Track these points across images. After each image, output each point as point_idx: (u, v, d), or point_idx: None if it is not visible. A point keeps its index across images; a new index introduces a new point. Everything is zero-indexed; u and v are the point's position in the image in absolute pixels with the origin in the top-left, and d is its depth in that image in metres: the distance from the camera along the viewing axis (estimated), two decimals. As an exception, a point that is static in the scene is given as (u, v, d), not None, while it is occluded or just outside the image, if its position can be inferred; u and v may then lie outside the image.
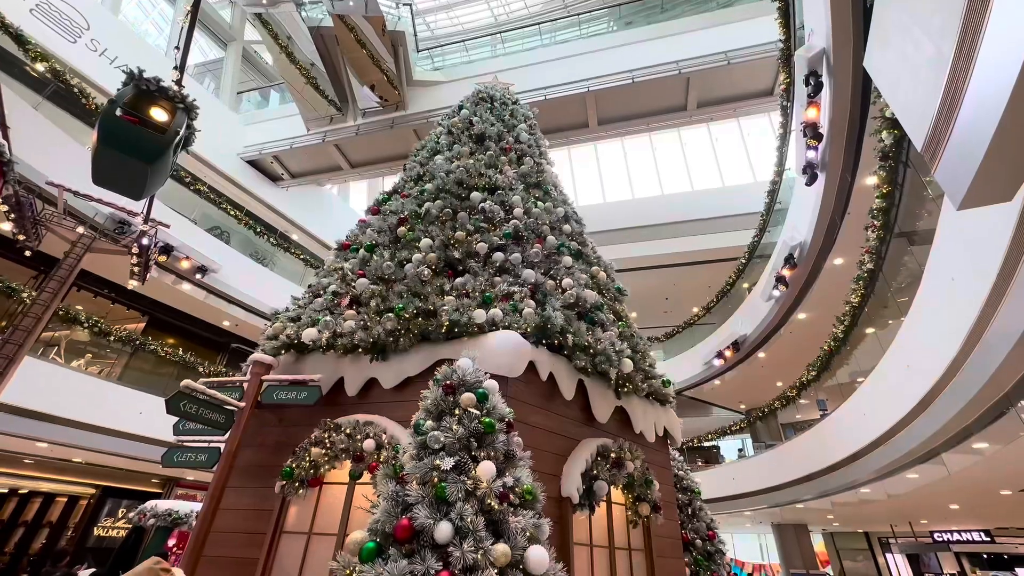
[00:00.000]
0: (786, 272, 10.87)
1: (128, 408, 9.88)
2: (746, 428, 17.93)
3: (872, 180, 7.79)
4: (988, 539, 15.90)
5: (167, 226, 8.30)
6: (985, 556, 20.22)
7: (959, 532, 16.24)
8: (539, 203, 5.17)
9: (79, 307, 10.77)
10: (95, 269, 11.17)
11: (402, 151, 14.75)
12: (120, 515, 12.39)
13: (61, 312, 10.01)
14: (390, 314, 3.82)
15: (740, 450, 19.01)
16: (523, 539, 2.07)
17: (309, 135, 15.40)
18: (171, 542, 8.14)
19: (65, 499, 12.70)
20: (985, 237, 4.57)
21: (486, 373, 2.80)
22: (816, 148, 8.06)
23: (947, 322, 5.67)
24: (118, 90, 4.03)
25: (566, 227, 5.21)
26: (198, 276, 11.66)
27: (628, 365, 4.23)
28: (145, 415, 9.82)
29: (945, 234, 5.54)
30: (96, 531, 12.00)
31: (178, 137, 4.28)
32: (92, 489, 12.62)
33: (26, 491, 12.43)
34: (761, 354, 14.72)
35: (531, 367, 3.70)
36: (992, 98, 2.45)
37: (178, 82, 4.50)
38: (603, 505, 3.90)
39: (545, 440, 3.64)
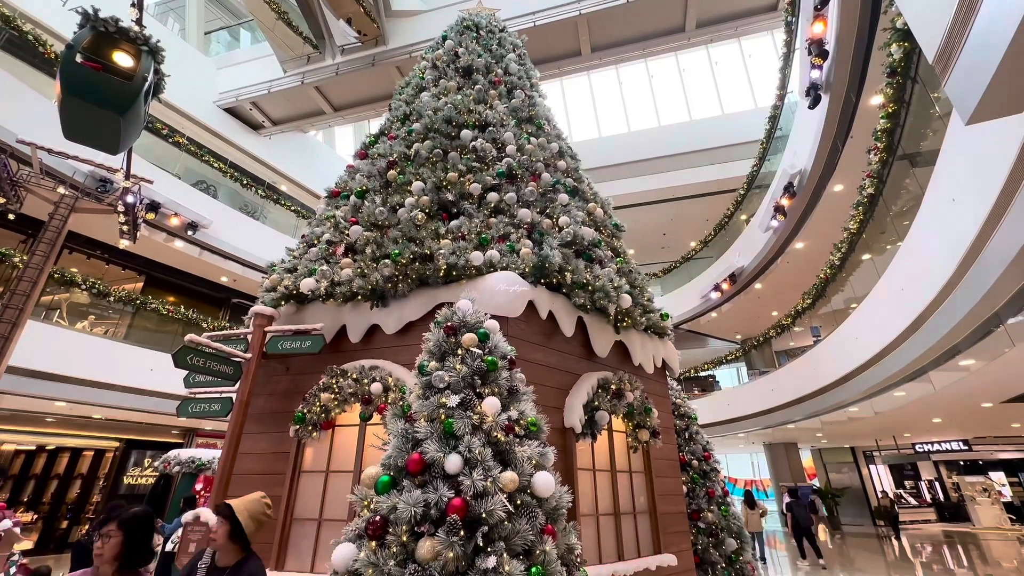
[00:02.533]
0: (785, 201, 10.74)
1: (138, 366, 10.10)
2: (741, 357, 18.52)
3: (878, 99, 7.49)
4: (966, 447, 16.95)
5: (150, 182, 8.06)
6: (962, 463, 21.64)
7: (939, 443, 17.28)
8: (532, 139, 4.98)
9: (74, 269, 10.70)
10: (83, 230, 10.97)
11: (386, 91, 14.03)
12: (146, 465, 13.04)
13: (56, 275, 9.95)
14: (387, 260, 3.79)
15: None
16: (529, 466, 2.17)
17: (286, 77, 14.57)
18: (198, 486, 8.63)
19: (92, 452, 13.31)
20: (990, 154, 4.45)
21: (486, 314, 2.83)
22: (821, 67, 7.68)
23: (945, 243, 5.67)
24: (74, 33, 3.74)
25: (561, 163, 5.06)
26: (189, 232, 11.49)
27: (627, 300, 4.27)
28: (156, 371, 10.06)
29: (949, 153, 5.40)
30: (125, 479, 12.69)
31: (147, 83, 4.03)
32: (116, 442, 13.19)
33: (53, 447, 12.99)
34: (758, 285, 14.88)
35: (531, 306, 3.73)
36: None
37: (138, 21, 4.18)
38: (604, 433, 4.09)
39: (547, 376, 3.75)
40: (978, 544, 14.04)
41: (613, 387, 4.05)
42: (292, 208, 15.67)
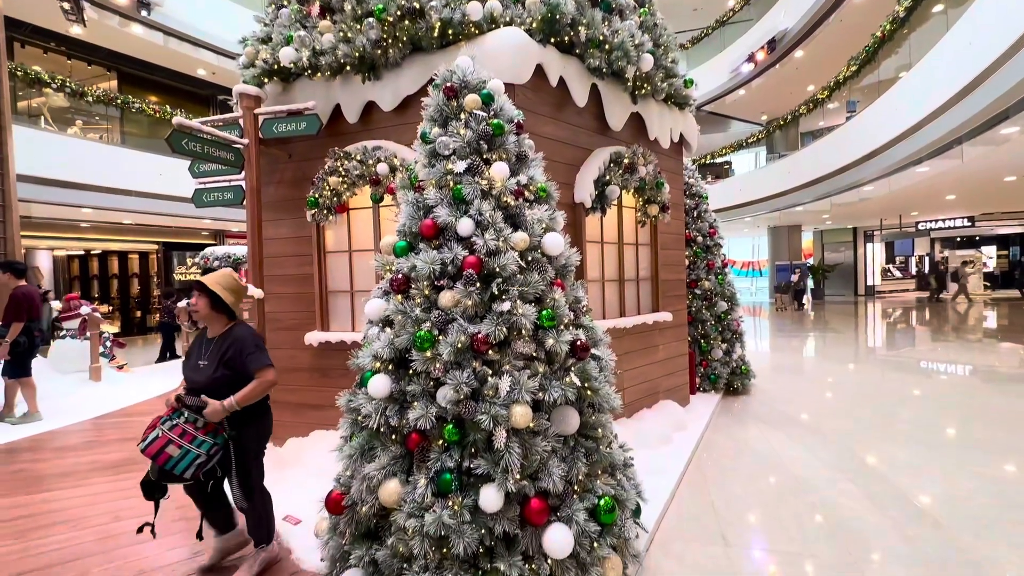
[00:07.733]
0: (860, -72, 8.51)
1: (145, 170, 10.05)
2: (763, 139, 17.56)
3: None
4: (969, 224, 17.26)
5: (70, -62, 6.56)
6: (959, 239, 22.40)
7: (943, 220, 17.53)
8: None
9: (36, 67, 9.69)
10: (25, 16, 9.54)
11: None
12: (189, 264, 14.24)
13: (19, 72, 9.09)
14: (371, 19, 3.26)
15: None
16: (539, 228, 2.22)
17: None
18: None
19: (137, 255, 14.44)
20: None
21: (489, 74, 2.53)
22: None
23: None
24: None
25: None
26: (143, 13, 9.94)
27: (648, 61, 3.78)
28: (165, 176, 10.04)
29: None
30: (175, 276, 14.06)
31: None
32: (155, 245, 14.17)
33: (99, 251, 14.04)
34: (798, 53, 13.06)
35: (539, 71, 3.33)
36: None
37: None
38: (614, 208, 4.14)
39: (557, 150, 3.59)
40: (941, 308, 15.56)
41: (626, 161, 3.92)
42: (253, -25, 13.09)
